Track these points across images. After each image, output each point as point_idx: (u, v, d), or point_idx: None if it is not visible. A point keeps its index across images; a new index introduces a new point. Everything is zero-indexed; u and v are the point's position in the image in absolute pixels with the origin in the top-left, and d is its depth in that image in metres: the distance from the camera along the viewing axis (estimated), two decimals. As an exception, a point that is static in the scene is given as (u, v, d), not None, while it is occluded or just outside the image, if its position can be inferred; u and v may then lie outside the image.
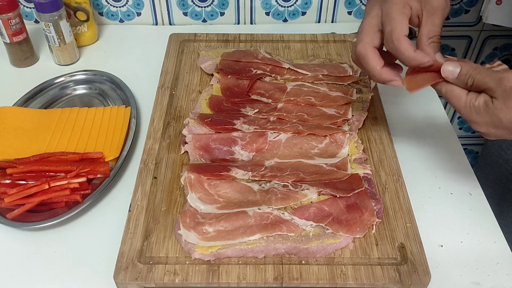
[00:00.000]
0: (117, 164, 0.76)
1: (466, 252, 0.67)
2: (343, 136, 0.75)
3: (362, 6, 1.11)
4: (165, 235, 0.65)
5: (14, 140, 0.79)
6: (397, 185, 0.71)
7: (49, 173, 0.72)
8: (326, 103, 0.81)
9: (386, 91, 0.87)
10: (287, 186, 0.69)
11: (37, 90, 0.90)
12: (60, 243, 0.68)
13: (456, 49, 1.22)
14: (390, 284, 0.60)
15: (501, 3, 1.02)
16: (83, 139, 0.79)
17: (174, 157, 0.75)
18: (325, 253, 0.62)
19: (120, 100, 0.88)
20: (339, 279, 0.60)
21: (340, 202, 0.67)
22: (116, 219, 0.70)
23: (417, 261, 0.62)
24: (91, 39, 1.04)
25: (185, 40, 0.98)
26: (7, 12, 0.90)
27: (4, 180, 0.72)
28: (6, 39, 0.94)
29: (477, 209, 0.73)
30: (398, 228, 0.66)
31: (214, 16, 1.11)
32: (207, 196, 0.68)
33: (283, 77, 0.87)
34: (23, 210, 0.69)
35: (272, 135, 0.76)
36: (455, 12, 1.14)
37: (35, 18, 1.10)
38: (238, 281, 0.60)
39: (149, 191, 0.70)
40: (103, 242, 0.68)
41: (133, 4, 1.08)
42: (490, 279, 0.64)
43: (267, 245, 0.62)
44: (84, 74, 0.93)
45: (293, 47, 0.97)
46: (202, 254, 0.61)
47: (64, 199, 0.70)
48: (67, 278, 0.64)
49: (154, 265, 0.61)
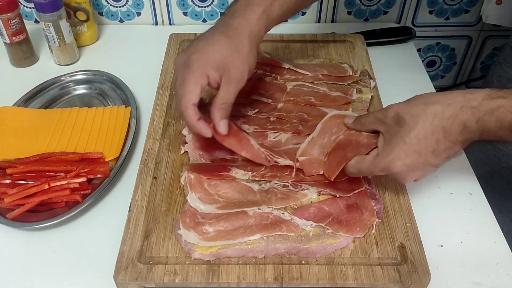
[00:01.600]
0: (117, 164, 0.76)
1: (466, 252, 0.67)
2: (343, 136, 0.75)
3: (362, 6, 1.11)
4: (165, 235, 0.65)
5: (14, 140, 0.79)
6: (397, 185, 0.71)
7: (49, 173, 0.72)
8: (326, 103, 0.81)
9: (386, 91, 0.87)
10: (287, 186, 0.69)
11: (37, 90, 0.90)
12: (60, 243, 0.68)
13: (456, 49, 1.22)
14: (390, 284, 0.60)
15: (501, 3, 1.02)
16: (83, 139, 0.79)
17: (174, 157, 0.75)
18: (325, 253, 0.62)
19: (120, 100, 0.88)
20: (339, 279, 0.60)
21: (340, 202, 0.67)
22: (116, 219, 0.70)
23: (417, 261, 0.62)
24: (91, 39, 1.04)
25: (185, 40, 0.98)
26: (7, 12, 0.90)
27: (4, 180, 0.72)
28: (6, 39, 0.94)
29: (477, 209, 0.72)
30: (398, 228, 0.66)
31: (214, 16, 1.11)
32: (207, 196, 0.68)
33: (283, 77, 0.87)
34: (23, 210, 0.69)
35: (272, 135, 0.76)
36: (455, 12, 1.14)
37: (35, 18, 1.10)
38: (238, 281, 0.60)
39: (149, 191, 0.70)
40: (103, 242, 0.68)
41: (133, 4, 1.08)
42: (490, 279, 0.64)
43: (267, 245, 0.62)
44: (84, 74, 0.93)
45: (293, 47, 0.97)
46: (202, 254, 0.61)
47: (64, 199, 0.70)
48: (67, 278, 0.64)
49: (154, 265, 0.61)
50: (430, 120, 0.57)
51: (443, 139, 0.57)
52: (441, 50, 1.22)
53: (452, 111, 0.57)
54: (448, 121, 0.57)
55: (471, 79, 1.28)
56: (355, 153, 0.65)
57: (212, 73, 0.63)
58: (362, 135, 0.67)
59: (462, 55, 1.23)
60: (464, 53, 1.23)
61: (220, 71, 0.63)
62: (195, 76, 0.62)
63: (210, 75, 0.63)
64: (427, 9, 1.13)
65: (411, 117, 0.59)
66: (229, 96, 0.65)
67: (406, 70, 0.97)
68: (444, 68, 1.26)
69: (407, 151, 0.58)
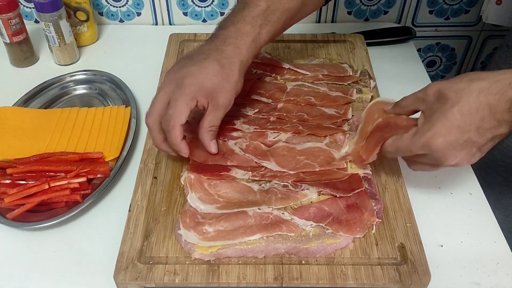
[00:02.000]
0: (117, 164, 0.76)
1: (466, 252, 0.67)
2: (343, 136, 0.75)
3: (362, 6, 1.11)
4: (165, 235, 0.65)
5: (14, 140, 0.79)
6: (397, 185, 0.71)
7: (49, 173, 0.72)
8: (326, 103, 0.81)
9: (386, 91, 0.87)
10: (287, 186, 0.69)
11: (37, 90, 0.90)
12: (60, 243, 0.68)
13: (456, 49, 1.22)
14: (390, 284, 0.60)
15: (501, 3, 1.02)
16: (83, 139, 0.79)
17: (174, 157, 0.75)
18: (325, 253, 0.62)
19: (120, 100, 0.88)
20: (339, 279, 0.60)
21: (340, 202, 0.67)
22: (116, 219, 0.70)
23: (417, 261, 0.62)
24: (91, 39, 1.04)
25: (185, 40, 0.98)
26: (7, 12, 0.90)
27: (4, 180, 0.72)
28: (6, 39, 0.94)
29: (477, 209, 0.72)
30: (398, 228, 0.66)
31: (214, 16, 1.11)
32: (207, 196, 0.68)
33: (283, 77, 0.87)
34: (23, 210, 0.69)
35: (272, 135, 0.76)
36: (455, 12, 1.14)
37: (35, 18, 1.10)
38: (238, 281, 0.60)
39: (149, 191, 0.70)
40: (103, 242, 0.68)
41: (133, 4, 1.08)
42: (490, 279, 0.64)
43: (267, 245, 0.62)
44: (84, 74, 0.93)
45: (293, 47, 0.97)
46: (202, 254, 0.61)
47: (64, 199, 0.70)
48: (67, 278, 0.64)
49: (154, 265, 0.61)
50: (476, 95, 0.55)
51: (488, 117, 0.54)
52: (441, 50, 1.22)
53: (500, 87, 0.54)
54: (495, 97, 0.54)
55: (471, 79, 1.28)
56: (393, 134, 0.63)
57: (202, 98, 0.66)
58: (402, 117, 0.64)
59: (462, 55, 1.23)
60: (464, 53, 1.23)
61: (209, 97, 0.66)
62: (187, 99, 0.65)
63: (200, 100, 0.66)
64: (427, 9, 1.13)
65: (455, 92, 0.56)
66: (217, 120, 0.68)
67: (406, 70, 0.97)
68: (444, 68, 1.26)
69: (449, 127, 0.56)
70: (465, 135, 0.56)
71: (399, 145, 0.61)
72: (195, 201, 0.67)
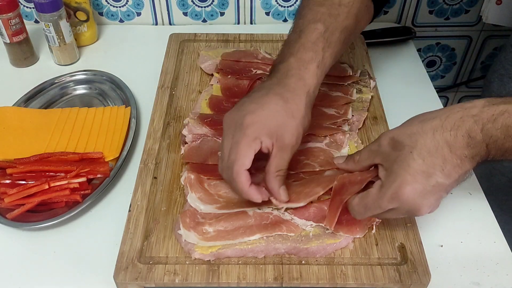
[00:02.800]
0: (117, 164, 0.76)
1: (466, 252, 0.67)
2: (343, 136, 0.75)
3: (362, 6, 1.11)
4: (165, 235, 0.65)
5: (14, 140, 0.79)
6: (397, 185, 0.71)
7: (49, 173, 0.72)
8: (326, 103, 0.81)
9: (386, 91, 0.87)
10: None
11: (37, 90, 0.90)
12: (60, 243, 0.68)
13: (456, 49, 1.21)
14: (390, 284, 0.60)
15: (501, 3, 1.02)
16: (83, 139, 0.79)
17: (174, 157, 0.75)
18: (325, 253, 0.62)
19: (120, 100, 0.88)
20: (339, 279, 0.60)
21: (340, 202, 0.66)
22: (116, 219, 0.70)
23: (417, 261, 0.62)
24: (91, 39, 1.04)
25: (185, 40, 0.98)
26: (7, 12, 0.90)
27: (4, 180, 0.72)
28: (6, 39, 0.94)
29: (477, 209, 0.72)
30: (398, 228, 0.66)
31: (214, 16, 1.11)
32: (207, 196, 0.68)
33: (283, 77, 0.87)
34: (23, 210, 0.69)
35: (272, 135, 0.75)
36: (455, 12, 1.14)
37: (35, 18, 1.10)
38: (238, 281, 0.60)
39: (149, 191, 0.70)
40: (103, 242, 0.68)
41: (133, 4, 1.08)
42: (490, 279, 0.64)
43: (267, 245, 0.62)
44: (84, 74, 0.93)
45: (293, 47, 0.97)
46: (202, 254, 0.61)
47: (64, 199, 0.70)
48: (67, 278, 0.64)
49: (154, 265, 0.61)
50: (431, 135, 0.53)
51: (449, 155, 0.53)
52: (441, 50, 1.22)
53: (453, 122, 0.53)
54: (451, 133, 0.53)
55: (471, 79, 1.28)
56: (350, 193, 0.61)
57: (265, 139, 0.59)
58: (355, 173, 0.62)
59: (462, 55, 1.23)
60: (464, 53, 1.22)
61: (273, 138, 0.60)
62: (249, 140, 0.58)
63: (264, 141, 0.59)
64: (427, 9, 1.13)
65: (409, 137, 0.55)
66: (284, 163, 0.61)
67: (406, 70, 0.97)
68: (444, 68, 1.26)
69: (413, 173, 0.53)
70: (431, 180, 0.53)
71: (367, 203, 0.58)
72: (195, 201, 0.67)
